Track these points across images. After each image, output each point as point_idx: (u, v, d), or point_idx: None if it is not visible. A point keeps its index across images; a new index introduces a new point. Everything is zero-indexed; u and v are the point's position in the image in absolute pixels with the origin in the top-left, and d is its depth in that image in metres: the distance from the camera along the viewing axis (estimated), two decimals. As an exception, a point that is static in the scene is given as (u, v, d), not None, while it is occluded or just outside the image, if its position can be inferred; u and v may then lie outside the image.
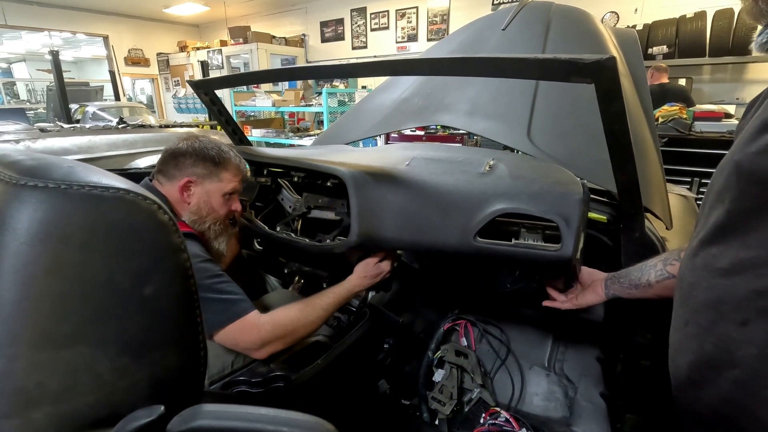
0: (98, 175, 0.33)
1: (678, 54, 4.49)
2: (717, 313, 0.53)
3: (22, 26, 8.39)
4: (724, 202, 0.52)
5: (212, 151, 1.15)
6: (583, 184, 0.98)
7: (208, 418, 0.28)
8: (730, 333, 0.51)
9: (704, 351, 0.54)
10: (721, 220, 0.53)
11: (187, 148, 1.14)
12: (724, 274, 0.52)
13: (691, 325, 0.57)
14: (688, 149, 3.31)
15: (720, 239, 0.53)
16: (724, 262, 0.52)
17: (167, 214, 0.34)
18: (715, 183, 0.56)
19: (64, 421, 0.29)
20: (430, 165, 1.18)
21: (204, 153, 1.14)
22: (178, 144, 1.16)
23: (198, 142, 1.16)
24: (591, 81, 0.76)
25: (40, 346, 0.28)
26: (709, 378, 0.54)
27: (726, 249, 0.52)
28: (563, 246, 0.92)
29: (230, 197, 1.19)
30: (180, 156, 1.13)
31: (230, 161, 1.17)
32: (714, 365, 0.53)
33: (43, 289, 0.29)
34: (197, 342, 0.37)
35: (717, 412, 0.54)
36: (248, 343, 1.03)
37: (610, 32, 1.77)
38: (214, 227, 1.18)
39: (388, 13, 7.42)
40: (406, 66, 1.07)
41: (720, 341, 0.52)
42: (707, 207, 0.58)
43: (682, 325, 0.59)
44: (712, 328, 0.53)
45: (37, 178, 0.30)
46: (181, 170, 1.13)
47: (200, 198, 1.14)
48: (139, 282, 0.32)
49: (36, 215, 0.29)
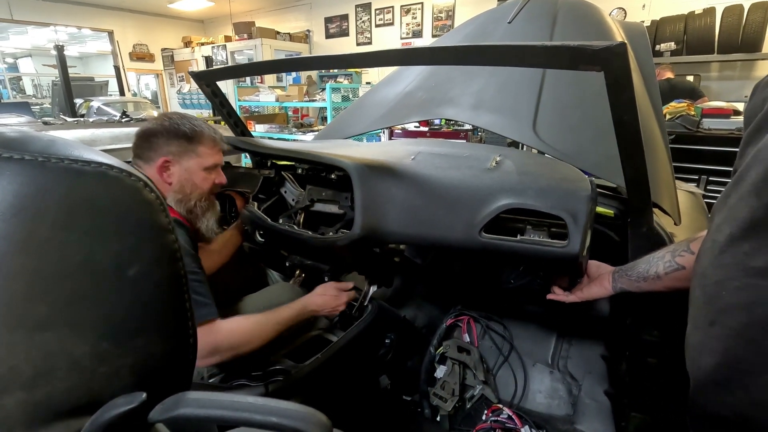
0: (80, 149, 0.31)
1: (686, 51, 4.44)
2: (750, 315, 0.50)
3: (28, 21, 8.42)
4: (762, 196, 0.49)
5: (184, 126, 1.12)
6: (591, 181, 0.96)
7: (192, 407, 0.26)
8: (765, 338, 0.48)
9: (734, 354, 0.52)
10: (758, 216, 0.49)
11: (157, 127, 1.11)
12: (760, 274, 0.48)
13: (717, 325, 0.54)
14: (695, 146, 3.27)
15: (754, 235, 0.50)
16: (759, 261, 0.49)
17: (154, 192, 0.33)
18: (748, 173, 0.52)
19: (39, 407, 0.27)
20: (435, 159, 1.16)
21: (176, 129, 1.11)
22: (149, 125, 1.13)
23: (168, 119, 1.13)
24: (600, 69, 0.73)
25: (12, 328, 0.27)
26: (738, 381, 0.51)
27: (761, 247, 0.49)
28: (570, 242, 0.90)
29: (212, 171, 1.17)
30: (152, 137, 1.10)
31: (204, 134, 1.14)
32: (745, 369, 0.50)
33: (15, 268, 0.27)
34: (185, 329, 0.35)
35: (743, 415, 0.52)
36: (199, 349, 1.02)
37: (619, 26, 1.73)
38: (200, 204, 1.16)
39: (392, 9, 7.38)
40: (411, 55, 1.05)
41: (753, 345, 0.49)
42: (734, 198, 0.54)
43: (706, 325, 0.56)
44: (744, 331, 0.50)
45: (12, 149, 0.28)
46: (156, 151, 1.10)
47: (181, 176, 1.12)
48: (122, 263, 0.30)
49: (9, 188, 0.27)
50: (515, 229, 1.02)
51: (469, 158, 1.15)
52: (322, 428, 0.26)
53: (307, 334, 1.37)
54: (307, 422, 0.26)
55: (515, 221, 1.03)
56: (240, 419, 0.26)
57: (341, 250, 1.14)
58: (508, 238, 0.97)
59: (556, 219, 0.93)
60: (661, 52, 4.46)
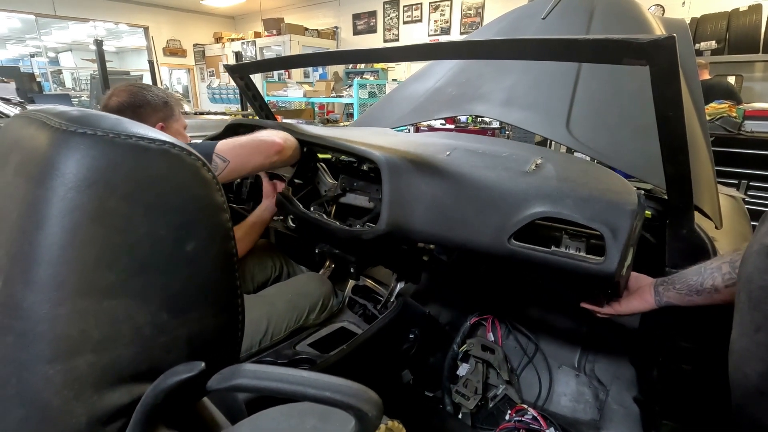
0: (144, 128, 0.32)
1: (728, 50, 4.24)
2: None
3: (70, 17, 8.79)
4: None
5: (158, 94, 1.16)
6: (640, 194, 0.89)
7: (249, 378, 0.27)
8: None
9: None
10: None
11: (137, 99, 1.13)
12: None
13: (763, 331, 0.52)
14: (736, 149, 3.12)
15: None
16: None
17: (210, 172, 0.34)
18: None
19: (106, 371, 0.28)
20: (471, 157, 1.11)
21: (155, 98, 1.15)
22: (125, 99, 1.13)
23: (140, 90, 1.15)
24: (646, 63, 0.71)
25: (84, 294, 0.28)
26: None
27: None
28: (607, 259, 0.83)
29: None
30: (138, 107, 1.12)
31: (173, 98, 1.19)
32: None
33: (87, 237, 0.28)
34: (235, 305, 0.36)
35: None
36: None
37: (659, 22, 1.67)
38: None
39: (421, 6, 7.34)
40: (448, 49, 1.03)
41: None
42: None
43: (752, 331, 0.54)
44: None
45: (86, 126, 0.29)
46: (148, 119, 1.12)
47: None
48: (180, 238, 0.32)
49: (84, 161, 0.28)
50: (551, 237, 0.96)
51: (507, 159, 1.10)
52: (374, 405, 0.26)
53: (332, 325, 1.39)
54: (359, 398, 0.26)
55: (552, 229, 0.97)
56: (295, 392, 0.27)
57: (366, 244, 1.14)
58: (538, 248, 0.91)
59: (597, 231, 0.87)
60: (701, 51, 4.28)
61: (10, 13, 8.32)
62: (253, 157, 1.02)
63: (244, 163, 1.01)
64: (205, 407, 0.37)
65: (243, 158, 1.00)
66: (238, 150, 0.99)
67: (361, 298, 1.57)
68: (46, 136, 0.30)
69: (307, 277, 1.40)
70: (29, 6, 8.12)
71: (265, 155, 1.04)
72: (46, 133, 0.30)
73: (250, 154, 1.01)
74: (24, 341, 0.27)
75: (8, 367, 0.27)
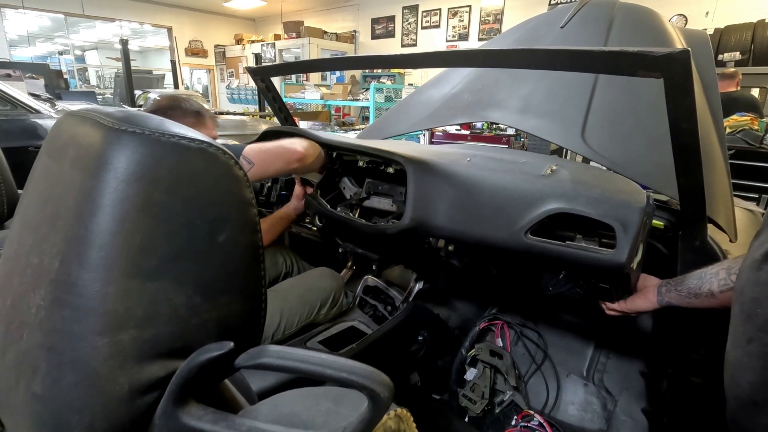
0: (184, 129, 0.36)
1: (753, 62, 4.16)
2: None
3: (98, 16, 9.08)
4: None
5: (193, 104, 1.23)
6: (648, 195, 0.94)
7: (273, 357, 0.30)
8: None
9: None
10: None
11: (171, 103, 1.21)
12: None
13: (755, 343, 0.53)
14: (757, 163, 3.07)
15: None
16: None
17: (242, 170, 0.37)
18: None
19: (146, 345, 0.32)
20: (490, 163, 1.18)
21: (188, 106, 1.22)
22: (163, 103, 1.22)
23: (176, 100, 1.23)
24: (660, 75, 0.72)
25: (130, 275, 0.31)
26: None
27: None
28: (617, 250, 0.88)
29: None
30: (168, 110, 1.19)
31: (207, 112, 1.26)
32: None
33: (135, 224, 0.32)
34: (259, 294, 0.39)
35: None
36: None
37: (679, 32, 1.67)
38: None
39: (440, 12, 7.37)
40: (465, 57, 1.05)
41: None
42: None
43: (744, 342, 0.55)
44: None
45: (134, 125, 0.33)
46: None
47: None
48: (214, 229, 0.35)
49: (133, 157, 0.32)
50: (565, 236, 1.01)
51: (524, 164, 1.16)
52: (386, 387, 0.29)
53: (342, 324, 1.42)
54: (373, 380, 0.29)
55: (566, 229, 1.02)
56: (314, 372, 0.29)
57: (390, 239, 1.18)
58: (553, 242, 0.97)
59: (608, 230, 0.91)
60: (725, 62, 4.21)
61: (42, 12, 8.62)
62: (275, 162, 1.09)
63: (267, 167, 1.08)
64: (227, 388, 0.40)
65: (266, 162, 1.07)
66: (263, 155, 1.06)
67: (371, 298, 1.60)
68: (100, 134, 0.33)
69: (320, 272, 1.43)
70: (60, 5, 8.41)
71: (286, 161, 1.11)
72: (100, 130, 0.34)
73: (273, 159, 1.08)
74: (78, 315, 0.31)
75: (63, 337, 0.31)
